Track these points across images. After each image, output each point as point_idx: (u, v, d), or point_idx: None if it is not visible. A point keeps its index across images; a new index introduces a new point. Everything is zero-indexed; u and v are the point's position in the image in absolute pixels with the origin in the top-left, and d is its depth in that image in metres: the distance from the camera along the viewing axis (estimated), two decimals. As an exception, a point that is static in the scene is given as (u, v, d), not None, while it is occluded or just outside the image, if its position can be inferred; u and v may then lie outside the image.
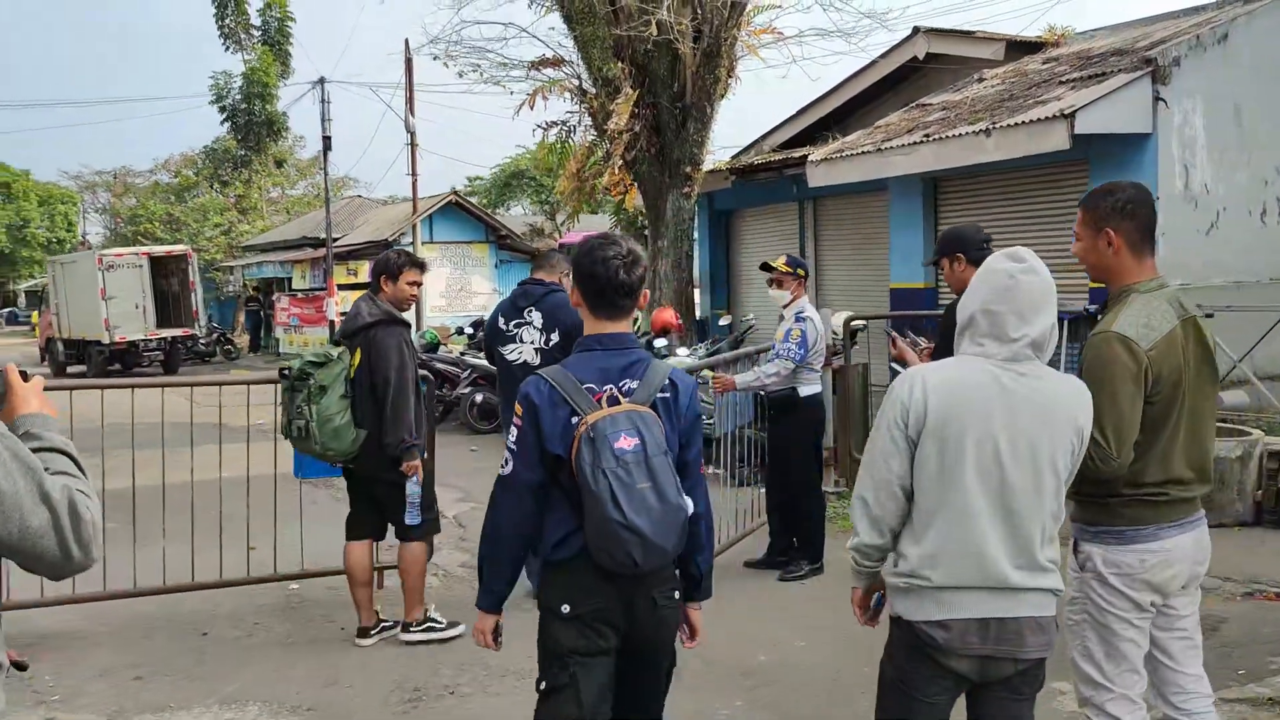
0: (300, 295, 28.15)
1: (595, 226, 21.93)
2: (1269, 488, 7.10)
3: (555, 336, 5.62)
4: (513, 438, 2.80)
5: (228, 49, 38.32)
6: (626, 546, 2.65)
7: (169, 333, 23.51)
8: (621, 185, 14.43)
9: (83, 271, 23.61)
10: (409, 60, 25.01)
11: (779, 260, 6.52)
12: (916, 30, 13.01)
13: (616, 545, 2.65)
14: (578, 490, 2.71)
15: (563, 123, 14.98)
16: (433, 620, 5.44)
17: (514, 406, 2.84)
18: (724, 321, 13.91)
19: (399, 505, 5.30)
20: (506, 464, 2.81)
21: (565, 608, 2.78)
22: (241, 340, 30.50)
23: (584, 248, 2.90)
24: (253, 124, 37.86)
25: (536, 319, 5.70)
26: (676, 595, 2.91)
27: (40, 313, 31.38)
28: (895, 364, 4.98)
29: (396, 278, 5.35)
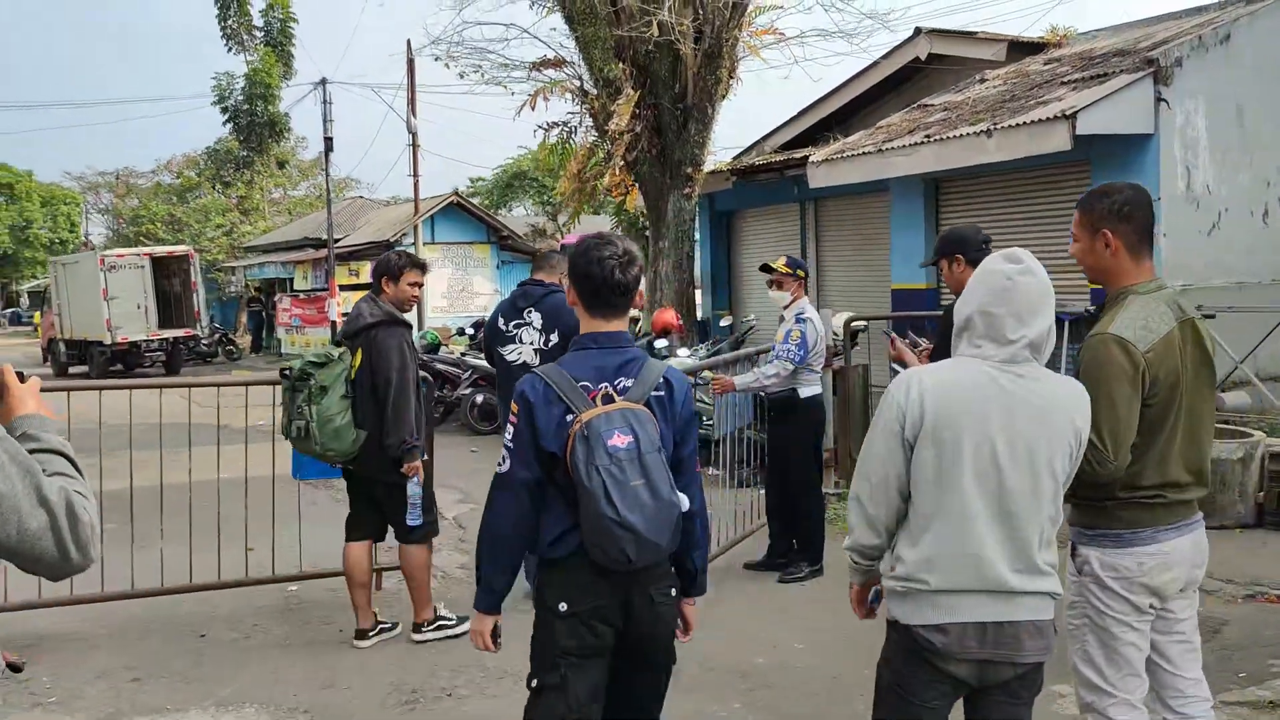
0: (302, 296, 28.17)
1: (597, 227, 21.87)
2: (1270, 489, 7.08)
3: (555, 337, 5.61)
4: (509, 435, 2.83)
5: (230, 50, 38.37)
6: (620, 543, 2.67)
7: (171, 333, 23.53)
8: (622, 186, 14.43)
9: (85, 272, 23.64)
10: (411, 61, 25.01)
11: (779, 261, 6.51)
12: (918, 31, 12.99)
13: (610, 542, 2.68)
14: (573, 488, 2.73)
15: (564, 123, 14.98)
16: (443, 618, 5.44)
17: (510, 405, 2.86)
18: (725, 322, 13.89)
19: (399, 506, 5.29)
20: (503, 462, 2.83)
21: (563, 606, 2.79)
22: (243, 341, 30.52)
23: (580, 247, 2.92)
24: (255, 125, 37.90)
25: (536, 320, 5.70)
26: (673, 592, 2.92)
27: (42, 313, 31.42)
28: (896, 365, 4.98)
29: (398, 278, 5.35)
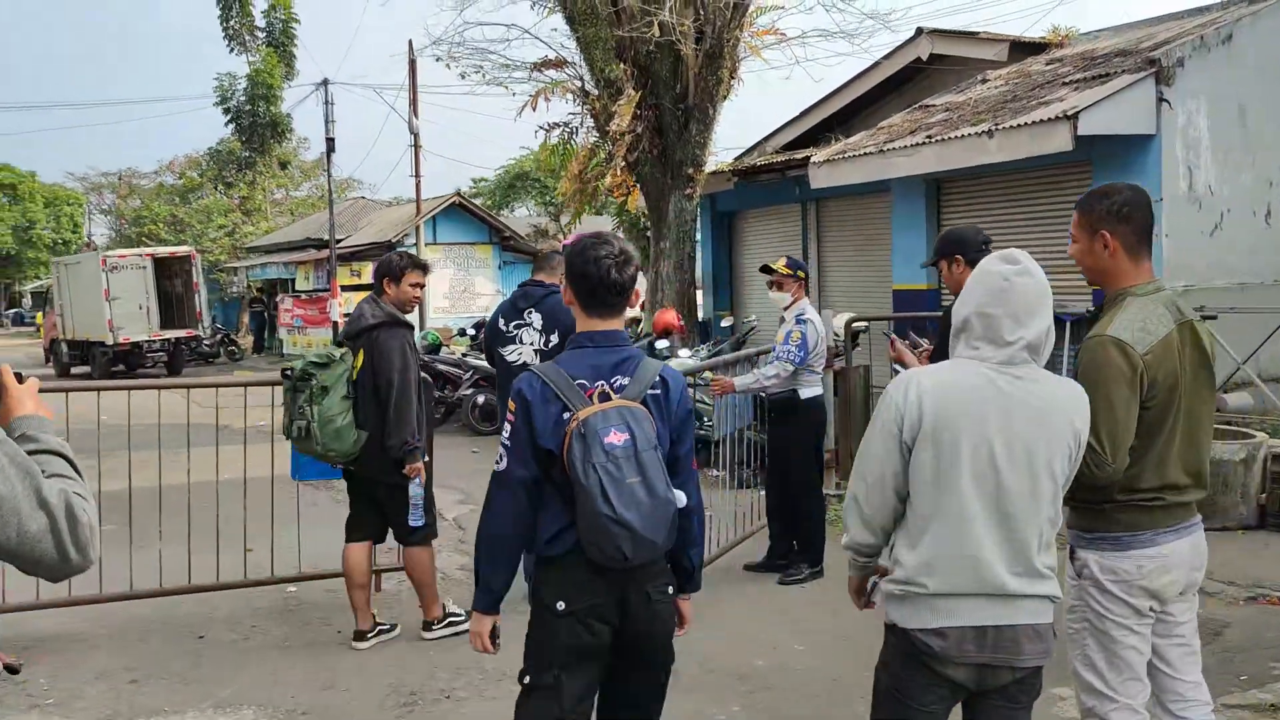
0: (304, 296, 28.16)
1: (599, 228, 21.86)
2: (1273, 491, 7.05)
3: (555, 338, 5.59)
4: (506, 434, 2.83)
5: (232, 50, 38.36)
6: (616, 540, 2.68)
7: (173, 334, 23.54)
8: (624, 187, 14.43)
9: (87, 273, 23.66)
10: (413, 62, 24.98)
11: (779, 262, 6.49)
12: (920, 31, 12.96)
13: (606, 539, 2.68)
14: (570, 486, 2.73)
15: (565, 124, 14.98)
16: (453, 615, 5.44)
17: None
18: (726, 323, 13.88)
19: (400, 507, 5.30)
20: (501, 460, 2.84)
21: (560, 605, 2.79)
22: (245, 341, 30.53)
23: (576, 247, 2.93)
24: (257, 125, 37.90)
25: (536, 320, 5.68)
26: (670, 590, 2.93)
27: (45, 314, 31.43)
28: (896, 366, 4.97)
29: (399, 279, 5.36)
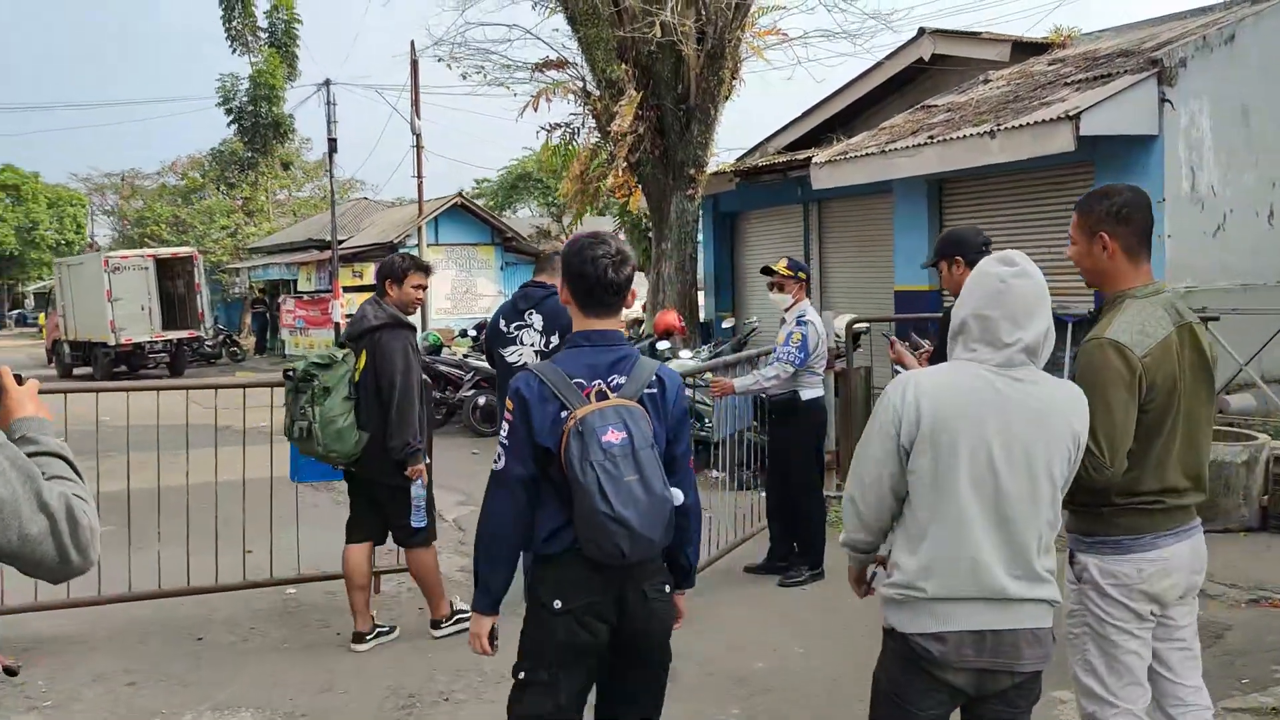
0: (306, 297, 28.17)
1: (602, 228, 21.86)
2: (1275, 493, 7.02)
3: (555, 339, 5.57)
4: (504, 433, 2.84)
5: (234, 51, 38.38)
6: (614, 538, 2.69)
7: (174, 335, 23.58)
8: (625, 187, 14.40)
9: (89, 273, 23.70)
10: (415, 62, 25.00)
11: (780, 263, 6.48)
12: (922, 31, 12.94)
13: (604, 537, 2.69)
14: (568, 485, 2.74)
15: (567, 124, 14.95)
16: (460, 613, 5.43)
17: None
18: (727, 324, 13.85)
19: (401, 509, 5.30)
20: (499, 459, 2.84)
21: (557, 603, 2.80)
22: (247, 342, 30.54)
23: (573, 247, 2.94)
24: (259, 126, 37.90)
25: (537, 321, 5.66)
26: (667, 589, 2.93)
27: (47, 315, 31.47)
28: (897, 367, 4.97)
29: (401, 281, 5.37)
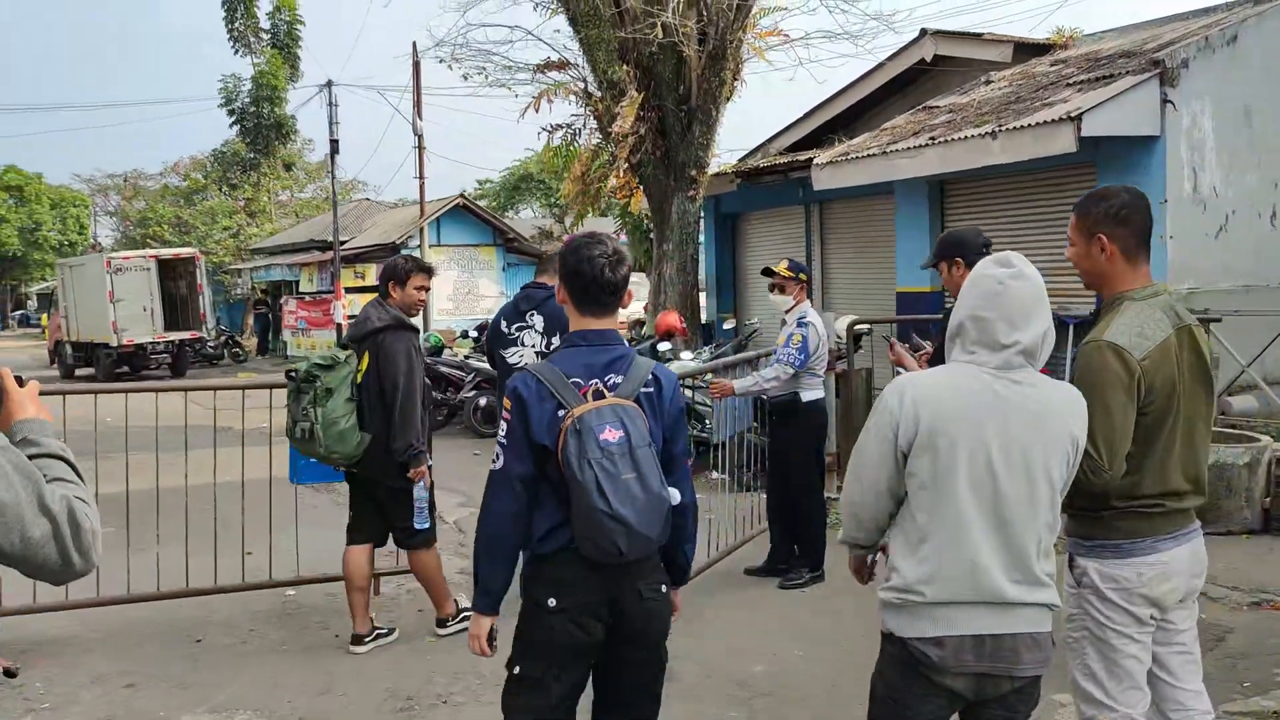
0: (308, 298, 28.18)
1: (604, 229, 21.85)
2: (1277, 495, 6.99)
3: (556, 340, 5.57)
4: (503, 432, 2.85)
5: (237, 52, 38.46)
6: (612, 536, 2.69)
7: (176, 335, 23.59)
8: (627, 188, 14.38)
9: (91, 274, 23.71)
10: (416, 64, 25.02)
11: (780, 265, 6.46)
12: (924, 32, 12.92)
13: (602, 534, 2.69)
14: (565, 484, 2.75)
15: (568, 126, 14.91)
16: (466, 611, 5.42)
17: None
18: (728, 325, 13.83)
19: (402, 511, 5.31)
20: (498, 459, 2.85)
21: (551, 601, 2.81)
22: (249, 343, 30.55)
23: (570, 246, 2.96)
24: (261, 127, 37.95)
25: (538, 322, 5.66)
26: (664, 589, 2.93)
27: (49, 316, 31.48)
28: (899, 369, 4.96)
29: (404, 283, 5.38)
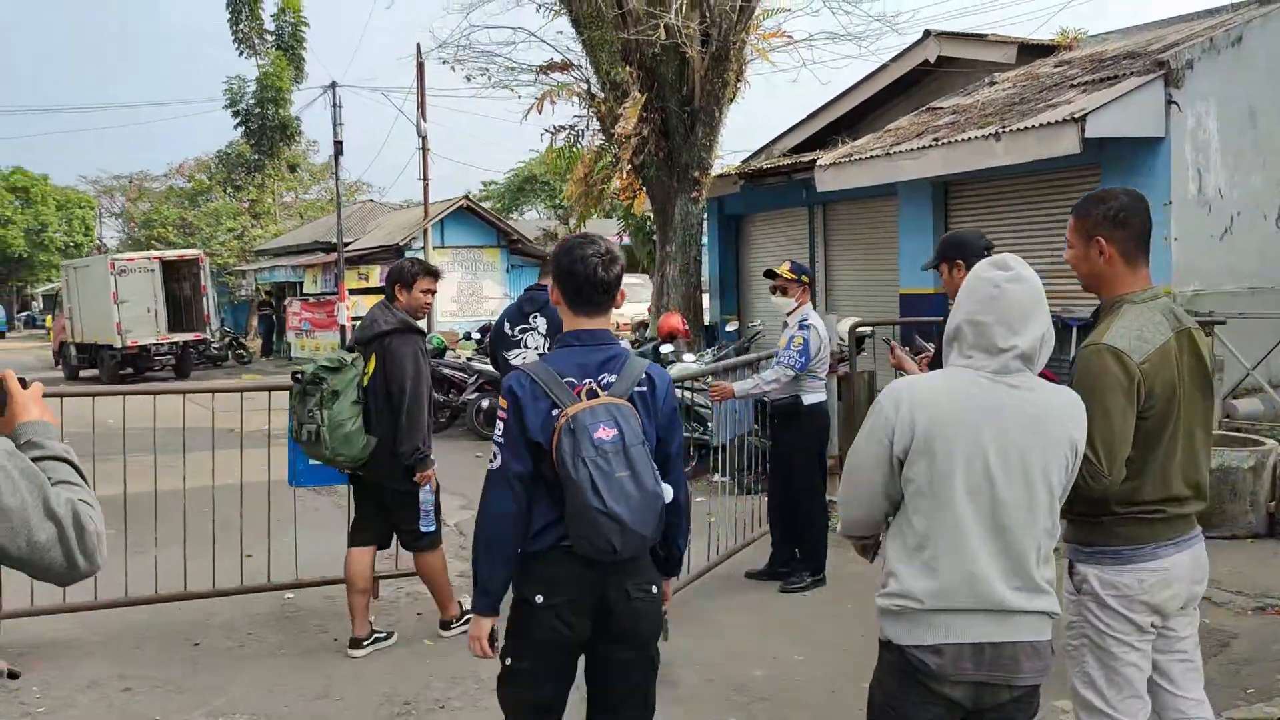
0: (312, 300, 28.19)
1: (607, 231, 21.87)
2: (1283, 498, 6.96)
3: (558, 342, 5.57)
4: (499, 432, 2.88)
5: (241, 53, 38.47)
6: (606, 533, 2.71)
7: (180, 337, 23.61)
8: (630, 190, 14.35)
9: (95, 276, 23.74)
10: (420, 65, 25.01)
11: (783, 267, 6.43)
12: (928, 34, 12.89)
13: (596, 532, 2.71)
14: (559, 483, 2.77)
15: (571, 127, 14.89)
16: (470, 613, 5.40)
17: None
18: (731, 327, 13.80)
19: (409, 513, 5.31)
20: (495, 458, 2.87)
21: (539, 597, 2.83)
22: (254, 345, 30.58)
23: (563, 246, 2.99)
24: (266, 128, 37.97)
25: (541, 324, 5.66)
26: (654, 590, 2.94)
27: (54, 317, 31.53)
28: (900, 372, 4.94)
29: (411, 286, 5.38)
